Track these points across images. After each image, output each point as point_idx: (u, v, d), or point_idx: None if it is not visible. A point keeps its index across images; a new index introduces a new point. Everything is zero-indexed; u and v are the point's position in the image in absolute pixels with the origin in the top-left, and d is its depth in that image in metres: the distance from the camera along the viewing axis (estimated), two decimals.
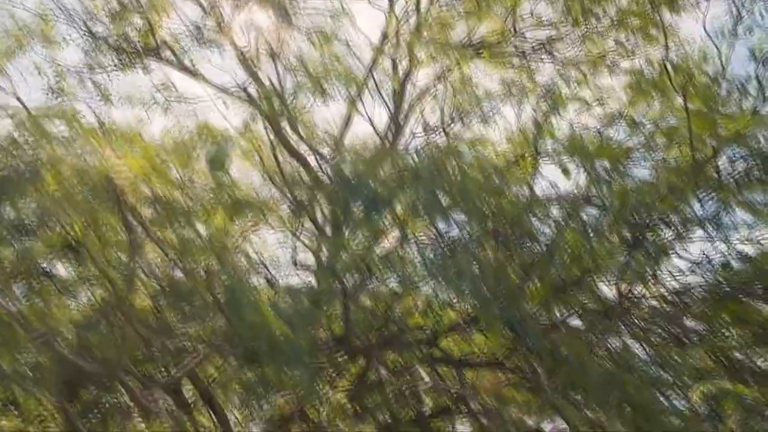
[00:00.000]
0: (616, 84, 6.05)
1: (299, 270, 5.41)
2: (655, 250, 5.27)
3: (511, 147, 5.76)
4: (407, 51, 6.69)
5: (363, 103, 6.76)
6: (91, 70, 6.94)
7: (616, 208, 4.91)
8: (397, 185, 4.09)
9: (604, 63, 6.06)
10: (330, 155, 5.85)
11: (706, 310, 5.26)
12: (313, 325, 4.68)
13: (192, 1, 6.78)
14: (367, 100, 6.76)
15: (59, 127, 3.51)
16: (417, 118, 6.74)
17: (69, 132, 3.44)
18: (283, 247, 5.42)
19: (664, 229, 5.21)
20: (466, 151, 4.93)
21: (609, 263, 5.24)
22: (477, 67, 6.71)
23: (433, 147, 4.92)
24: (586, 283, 5.11)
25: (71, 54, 6.93)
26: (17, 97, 5.00)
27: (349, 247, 4.23)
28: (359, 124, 6.89)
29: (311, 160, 6.20)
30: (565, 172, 5.07)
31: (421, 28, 6.61)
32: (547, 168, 5.63)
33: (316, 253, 5.42)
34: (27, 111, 3.87)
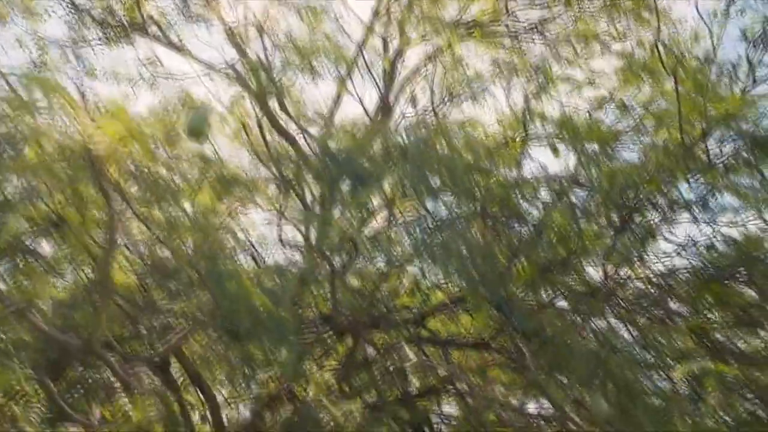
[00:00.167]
0: (607, 66, 6.03)
1: (286, 248, 5.38)
2: (642, 233, 5.31)
3: (500, 128, 5.73)
4: (398, 29, 6.60)
5: (353, 83, 6.70)
6: (74, 44, 6.79)
7: (604, 190, 4.92)
8: (383, 162, 4.06)
9: (596, 44, 6.02)
10: (318, 133, 5.78)
11: (690, 292, 5.32)
12: (299, 302, 4.67)
13: None
14: (357, 80, 6.70)
15: (38, 96, 3.41)
16: (407, 99, 6.69)
17: (48, 101, 3.35)
18: (270, 224, 5.38)
19: (651, 211, 5.24)
20: (455, 129, 4.88)
21: (596, 245, 5.27)
22: (468, 47, 6.64)
23: (421, 125, 4.86)
24: (573, 264, 5.13)
25: (54, 27, 6.77)
26: None
27: (335, 223, 4.19)
28: (349, 105, 6.82)
29: (300, 139, 6.14)
30: (554, 151, 5.06)
31: (412, 5, 6.52)
32: (537, 149, 5.64)
33: (303, 230, 5.38)
34: (3, 77, 3.76)
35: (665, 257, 5.53)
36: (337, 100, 6.69)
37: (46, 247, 4.58)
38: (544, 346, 4.95)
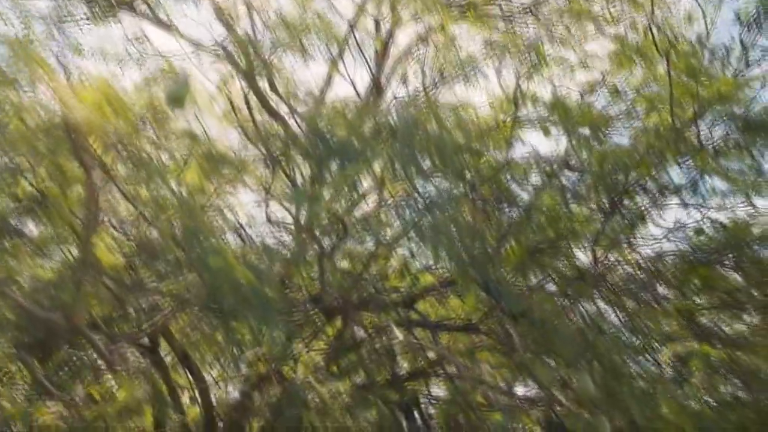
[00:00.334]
0: (600, 50, 5.98)
1: (274, 228, 5.33)
2: (631, 216, 5.31)
3: (492, 109, 5.68)
4: (390, 9, 6.49)
5: (344, 63, 6.60)
6: (60, 20, 6.62)
7: (594, 173, 4.90)
8: (373, 140, 4.01)
9: (589, 26, 5.96)
10: (307, 111, 5.71)
11: (677, 276, 5.35)
12: (288, 282, 4.64)
13: None
14: (349, 61, 6.60)
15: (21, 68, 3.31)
16: (399, 80, 6.61)
17: (30, 74, 3.25)
18: (259, 204, 5.32)
19: (641, 194, 5.24)
20: (446, 110, 4.83)
21: (585, 228, 5.28)
22: (461, 28, 6.56)
23: (412, 104, 4.81)
24: (562, 247, 5.13)
25: (40, 3, 6.58)
26: None
27: (323, 202, 4.14)
28: (340, 86, 6.73)
29: (291, 122, 6.06)
30: (545, 132, 5.03)
31: None
32: (528, 132, 5.60)
33: (292, 210, 5.33)
34: None
35: (654, 241, 5.56)
36: (328, 80, 6.59)
37: (30, 225, 4.50)
38: (532, 329, 4.96)
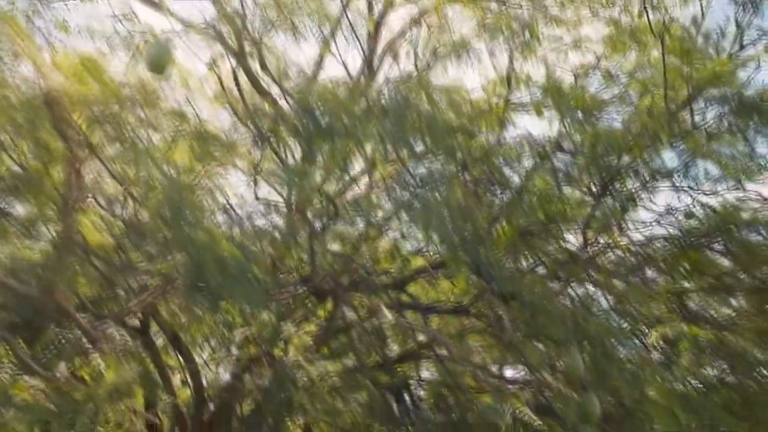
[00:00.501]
0: (593, 32, 5.93)
1: (264, 208, 5.28)
2: (622, 200, 5.31)
3: (484, 91, 5.64)
4: None
5: (336, 44, 6.51)
6: None
7: (586, 155, 4.88)
8: (364, 118, 3.96)
9: (584, 9, 5.90)
10: (296, 89, 5.64)
11: (668, 260, 5.37)
12: (277, 262, 4.60)
13: None
14: (341, 42, 6.51)
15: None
16: (391, 62, 6.54)
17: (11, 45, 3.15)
18: (248, 183, 5.26)
19: (633, 178, 5.24)
20: (438, 91, 4.78)
21: (576, 211, 5.27)
22: (454, 10, 6.48)
23: (403, 84, 4.76)
24: (553, 230, 5.13)
25: None
26: None
27: (312, 179, 4.10)
28: (332, 67, 6.64)
29: (282, 102, 5.98)
30: (538, 112, 4.99)
31: None
32: (521, 114, 5.56)
33: (282, 189, 5.28)
34: None
35: (644, 226, 5.57)
36: (320, 61, 6.51)
37: (14, 204, 4.42)
38: (523, 311, 4.97)
